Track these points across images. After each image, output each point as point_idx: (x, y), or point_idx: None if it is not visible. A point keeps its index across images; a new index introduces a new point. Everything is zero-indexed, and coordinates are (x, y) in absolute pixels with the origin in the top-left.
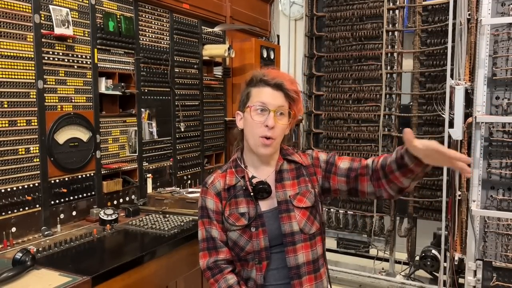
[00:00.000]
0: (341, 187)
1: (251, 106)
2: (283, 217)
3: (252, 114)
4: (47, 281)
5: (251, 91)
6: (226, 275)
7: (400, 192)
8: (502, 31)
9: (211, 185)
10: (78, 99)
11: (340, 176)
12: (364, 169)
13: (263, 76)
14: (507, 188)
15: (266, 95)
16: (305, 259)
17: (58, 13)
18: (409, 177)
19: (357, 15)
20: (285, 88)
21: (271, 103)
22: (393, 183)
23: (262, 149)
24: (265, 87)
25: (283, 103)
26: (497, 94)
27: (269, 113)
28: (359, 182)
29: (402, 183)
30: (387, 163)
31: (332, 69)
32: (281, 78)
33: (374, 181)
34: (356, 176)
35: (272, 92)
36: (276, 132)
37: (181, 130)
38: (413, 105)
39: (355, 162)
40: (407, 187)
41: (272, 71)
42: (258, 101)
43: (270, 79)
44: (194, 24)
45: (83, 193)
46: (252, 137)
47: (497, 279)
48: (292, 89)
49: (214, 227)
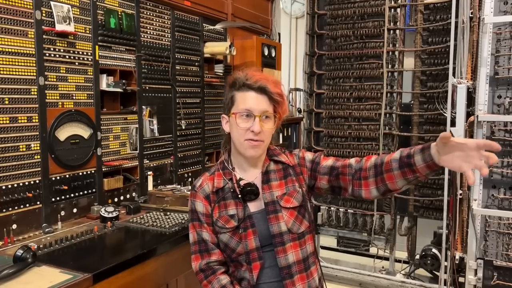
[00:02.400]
0: (324, 185)
1: (236, 113)
2: (270, 218)
3: (238, 121)
4: (48, 278)
5: (235, 95)
6: (219, 276)
7: (384, 194)
8: (504, 29)
9: (199, 188)
10: (79, 96)
11: (323, 174)
12: (346, 168)
13: (246, 80)
14: (509, 187)
15: (250, 100)
16: (295, 258)
17: (59, 9)
18: (407, 178)
19: (359, 13)
20: (269, 91)
21: (255, 109)
22: (384, 183)
23: (251, 151)
24: (248, 91)
25: (267, 107)
26: (499, 93)
27: (254, 118)
28: (340, 181)
29: (396, 184)
30: (385, 162)
31: (333, 67)
32: (265, 81)
33: (356, 180)
34: (337, 174)
35: (256, 96)
36: (263, 136)
37: (182, 128)
38: (414, 104)
39: (338, 162)
40: (397, 189)
41: (255, 74)
42: (243, 108)
43: (253, 82)
44: (196, 22)
45: (84, 190)
46: (239, 142)
47: (498, 278)
48: (276, 92)
49: (204, 230)
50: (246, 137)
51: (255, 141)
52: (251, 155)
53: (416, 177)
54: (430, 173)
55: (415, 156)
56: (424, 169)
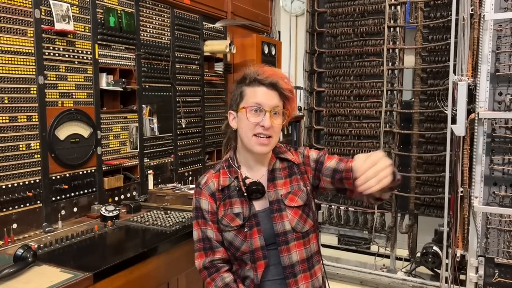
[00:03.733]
0: (328, 186)
1: (246, 107)
2: (275, 216)
3: (248, 116)
4: (48, 277)
5: (245, 90)
6: (223, 274)
7: (377, 201)
8: (505, 26)
9: (205, 185)
10: (79, 95)
11: (326, 176)
12: (349, 172)
13: (257, 75)
14: (510, 184)
15: (261, 95)
16: (299, 258)
17: (59, 8)
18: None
19: (359, 11)
20: (280, 87)
21: (266, 104)
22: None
23: (259, 148)
24: (259, 87)
25: (278, 103)
26: (500, 90)
27: (265, 113)
28: (345, 184)
29: (373, 195)
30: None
31: (334, 65)
32: (276, 77)
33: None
34: (340, 178)
35: (267, 92)
36: (272, 132)
37: (182, 126)
38: (415, 102)
39: (342, 163)
40: (379, 198)
41: (266, 70)
42: (253, 102)
43: (265, 78)
44: (195, 20)
45: (84, 189)
46: (247, 137)
47: (499, 275)
48: (287, 88)
49: (209, 228)
50: (255, 131)
51: (263, 137)
52: (259, 151)
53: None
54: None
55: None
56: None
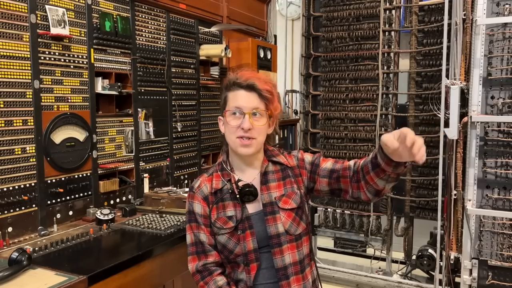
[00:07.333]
0: (324, 188)
1: (226, 111)
2: (268, 219)
3: (228, 119)
4: (43, 281)
5: (227, 95)
6: (216, 277)
7: (377, 195)
8: (497, 31)
9: (198, 189)
10: (75, 99)
11: (322, 177)
12: (346, 170)
13: (236, 79)
14: (503, 187)
15: (240, 98)
16: (292, 260)
17: (54, 13)
18: (382, 178)
19: (354, 15)
20: (257, 88)
21: (245, 106)
22: (370, 185)
23: (243, 149)
24: (239, 90)
25: (257, 104)
26: (492, 94)
27: (244, 116)
28: (341, 183)
29: (377, 184)
30: (364, 165)
31: (329, 69)
32: (254, 79)
33: (354, 183)
34: (337, 177)
35: (246, 94)
36: (254, 133)
37: (178, 130)
38: (410, 105)
39: (338, 164)
40: (382, 189)
41: (245, 73)
42: (233, 106)
43: (243, 81)
44: (191, 24)
45: (80, 193)
46: (231, 140)
47: (493, 277)
48: (265, 88)
49: (202, 231)
50: (237, 134)
51: (246, 139)
52: (243, 152)
53: (388, 175)
54: (396, 169)
55: (378, 156)
56: (387, 166)
